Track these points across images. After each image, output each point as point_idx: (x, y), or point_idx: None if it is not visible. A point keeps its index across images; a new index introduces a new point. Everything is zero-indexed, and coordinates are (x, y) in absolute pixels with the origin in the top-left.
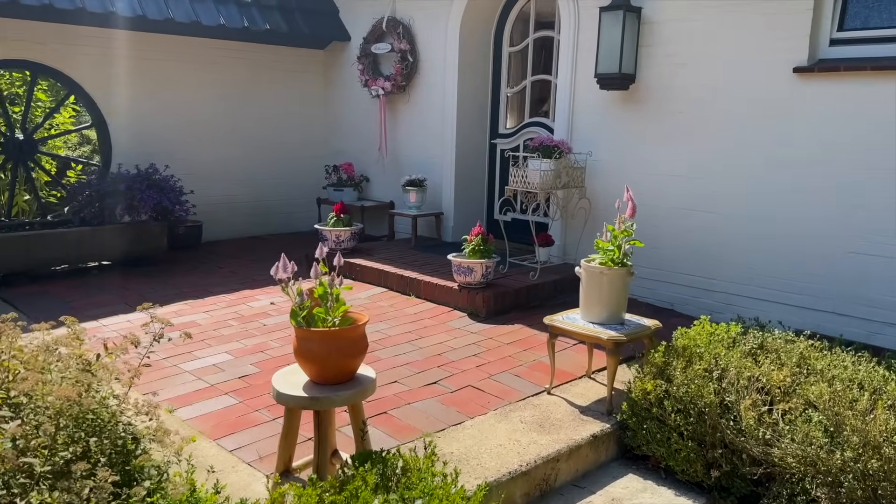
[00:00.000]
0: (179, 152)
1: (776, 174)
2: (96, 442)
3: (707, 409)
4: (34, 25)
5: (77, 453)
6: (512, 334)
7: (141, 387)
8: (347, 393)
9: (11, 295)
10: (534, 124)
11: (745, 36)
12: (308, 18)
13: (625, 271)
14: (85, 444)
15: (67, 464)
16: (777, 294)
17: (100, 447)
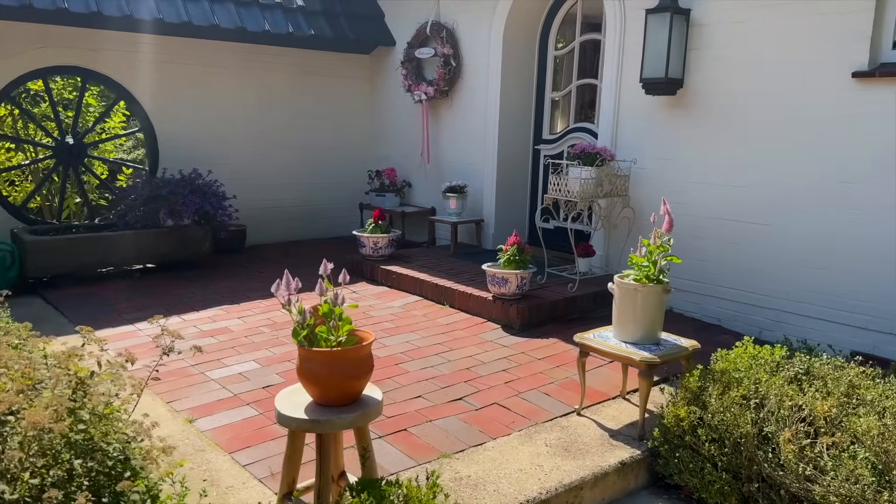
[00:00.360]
0: (225, 157)
1: (831, 185)
2: (81, 464)
3: (743, 439)
4: (84, 32)
5: (59, 476)
6: (545, 349)
7: (166, 395)
8: (350, 416)
9: (57, 297)
10: (579, 130)
11: (800, 38)
12: (353, 24)
13: (660, 288)
14: (69, 466)
15: (40, 491)
16: (830, 312)
17: (85, 469)
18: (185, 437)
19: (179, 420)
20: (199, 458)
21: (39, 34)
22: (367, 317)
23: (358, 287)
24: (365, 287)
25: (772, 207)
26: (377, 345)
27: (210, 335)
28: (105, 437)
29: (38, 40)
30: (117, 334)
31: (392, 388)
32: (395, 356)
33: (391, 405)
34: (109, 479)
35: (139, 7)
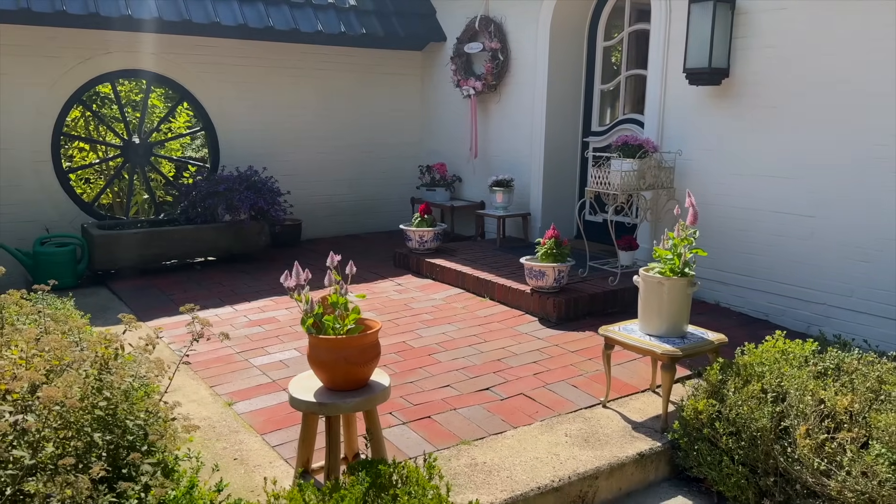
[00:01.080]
0: (281, 154)
1: (881, 176)
2: (101, 437)
3: (760, 433)
4: (147, 37)
5: (79, 448)
6: (579, 342)
7: (210, 379)
8: (355, 400)
9: (121, 288)
10: (629, 121)
11: (848, 25)
12: (405, 21)
13: (685, 282)
14: (89, 439)
15: (59, 458)
16: (881, 308)
17: (104, 442)
18: (223, 419)
19: (220, 403)
20: (232, 438)
21: (104, 40)
22: (408, 308)
23: (403, 279)
24: (410, 279)
25: (820, 199)
26: (413, 335)
27: (258, 324)
28: (128, 414)
29: (104, 46)
30: (172, 322)
31: (422, 377)
32: (430, 347)
33: (419, 393)
34: (128, 452)
35: (197, 11)
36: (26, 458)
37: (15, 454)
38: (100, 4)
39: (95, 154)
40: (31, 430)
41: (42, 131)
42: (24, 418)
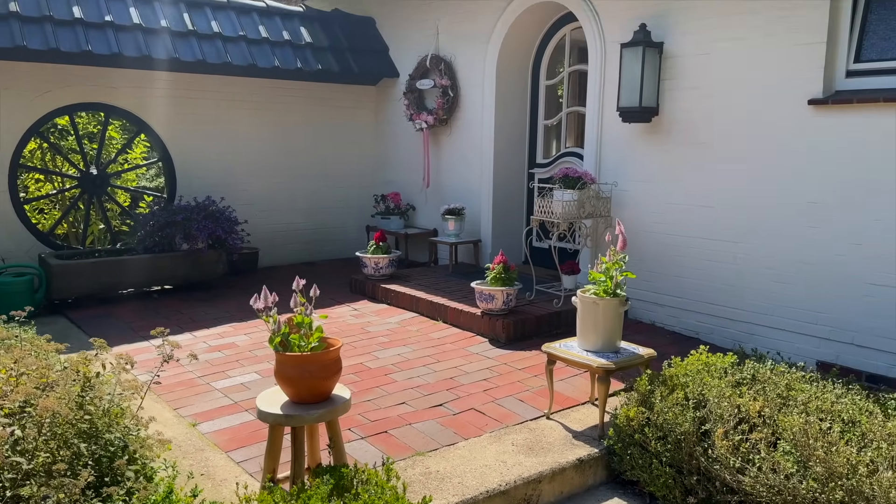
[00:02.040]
0: (239, 184)
1: (793, 204)
2: (86, 447)
3: (683, 436)
4: (106, 71)
5: (67, 456)
6: (526, 360)
7: (174, 402)
8: (319, 412)
9: (80, 317)
10: (570, 154)
11: (761, 68)
12: (359, 58)
13: (617, 301)
14: (76, 449)
15: (51, 464)
16: (797, 325)
17: (90, 452)
18: (188, 439)
19: (184, 424)
20: (198, 457)
21: (65, 74)
22: (365, 332)
23: (359, 305)
24: (366, 305)
25: (741, 226)
26: (370, 357)
27: (217, 350)
28: (109, 427)
29: (65, 80)
30: (133, 349)
31: (379, 395)
32: (386, 367)
33: (376, 410)
34: (111, 460)
35: (157, 47)
36: (24, 463)
37: (14, 460)
38: (60, 40)
39: (51, 185)
40: (27, 439)
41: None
42: (22, 426)
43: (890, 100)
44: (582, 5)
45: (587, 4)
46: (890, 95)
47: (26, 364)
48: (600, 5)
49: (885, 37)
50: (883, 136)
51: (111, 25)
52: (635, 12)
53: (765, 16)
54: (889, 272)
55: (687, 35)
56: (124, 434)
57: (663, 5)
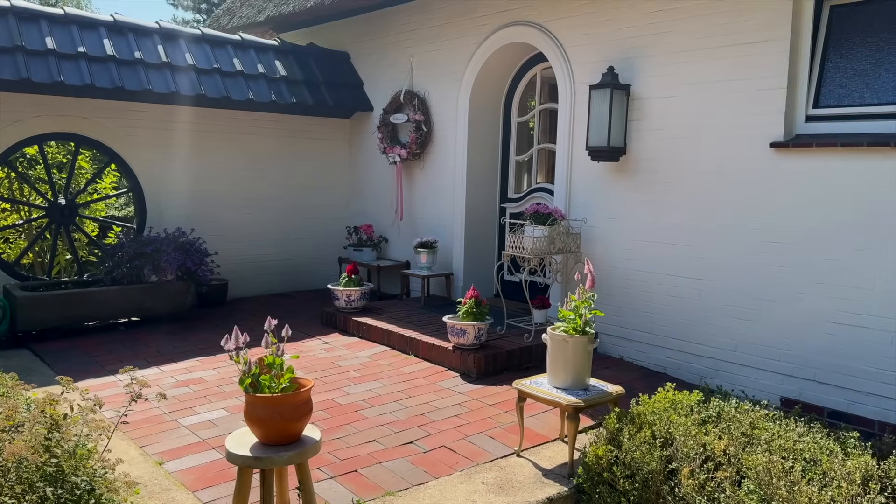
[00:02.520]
0: (210, 215)
1: (755, 245)
2: (53, 491)
3: (651, 475)
4: (78, 101)
5: (33, 501)
6: (497, 396)
7: (140, 440)
8: (288, 454)
9: (44, 349)
10: (541, 190)
11: (725, 112)
12: (333, 91)
13: (586, 339)
14: (42, 493)
15: None
16: (761, 361)
17: (56, 496)
18: (154, 478)
19: (150, 462)
20: (165, 497)
21: (36, 103)
22: (336, 366)
23: (330, 338)
24: (337, 338)
25: (706, 264)
26: (340, 392)
27: (185, 385)
28: (75, 471)
29: (35, 109)
30: (99, 384)
31: (349, 433)
32: (356, 403)
33: (345, 449)
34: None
35: (130, 79)
36: None
37: None
38: (32, 70)
39: (18, 214)
40: None
41: None
42: None
43: (847, 145)
44: (553, 47)
45: (557, 47)
46: (847, 141)
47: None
48: (570, 48)
49: (842, 84)
50: (840, 180)
51: (84, 56)
52: (604, 55)
53: (727, 61)
54: (848, 311)
55: (653, 78)
56: (91, 476)
57: (631, 49)
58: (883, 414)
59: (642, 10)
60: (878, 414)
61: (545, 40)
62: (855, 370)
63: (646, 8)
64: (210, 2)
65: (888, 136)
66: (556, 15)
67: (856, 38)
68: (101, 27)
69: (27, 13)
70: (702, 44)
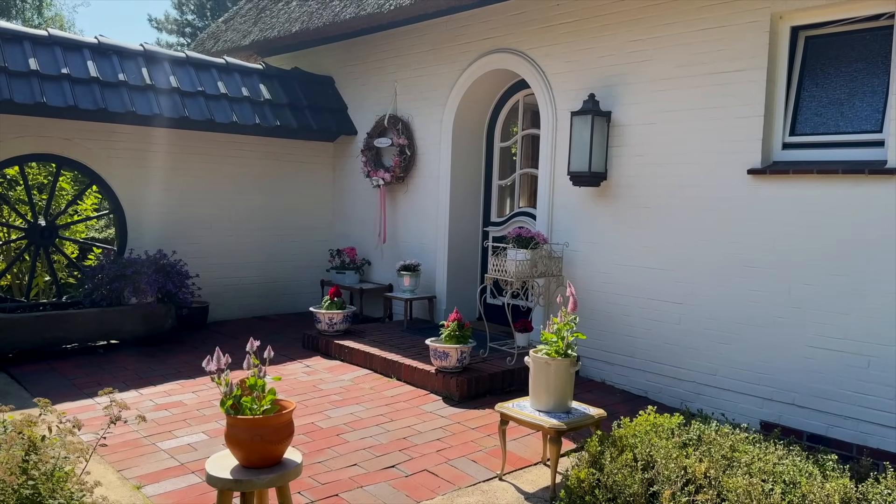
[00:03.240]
0: (191, 237)
1: (734, 268)
2: None
3: (632, 498)
4: (60, 123)
5: None
6: (480, 419)
7: (118, 463)
8: (269, 476)
9: (21, 372)
10: (523, 214)
11: (704, 138)
12: (318, 115)
13: (568, 362)
14: None
15: None
16: (741, 385)
17: None
18: (132, 502)
19: (128, 487)
20: None
21: (18, 124)
22: (317, 389)
23: (312, 361)
24: (319, 361)
25: (685, 289)
26: (322, 416)
27: (164, 408)
28: (52, 493)
29: (17, 130)
30: (76, 407)
31: (330, 457)
32: (338, 427)
33: (326, 472)
34: None
35: (113, 101)
36: None
37: None
38: (14, 91)
39: None
40: None
41: None
42: None
43: (823, 171)
44: (535, 74)
45: (540, 74)
46: (823, 167)
47: None
48: (552, 75)
49: (817, 112)
50: (816, 206)
51: (67, 78)
52: (585, 83)
53: (706, 89)
54: (826, 335)
55: (633, 105)
56: (68, 500)
57: (611, 77)
58: (861, 437)
59: (623, 39)
60: (857, 437)
61: (528, 67)
62: (833, 394)
63: (626, 37)
64: (194, 26)
65: (863, 164)
66: (539, 43)
67: (830, 68)
68: (85, 49)
69: (10, 34)
70: (681, 72)
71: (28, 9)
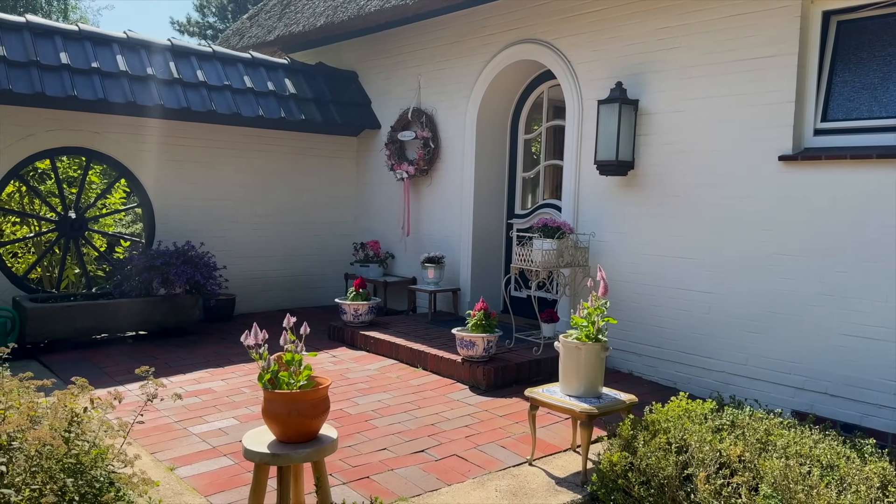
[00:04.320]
0: (219, 230)
1: (765, 256)
2: (73, 482)
3: (666, 480)
4: (90, 116)
5: (54, 490)
6: (507, 407)
7: (151, 446)
8: (306, 451)
9: (52, 361)
10: (548, 206)
11: (733, 126)
12: (342, 109)
13: (599, 346)
14: (63, 483)
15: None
16: (772, 374)
17: (76, 487)
18: (166, 483)
19: (161, 468)
20: (177, 500)
21: (49, 118)
22: (344, 378)
23: (338, 352)
24: (345, 352)
25: (715, 277)
26: (350, 403)
27: (194, 395)
28: (94, 464)
29: (48, 123)
30: (105, 393)
31: (359, 441)
32: (366, 413)
33: (357, 456)
34: (96, 497)
35: (142, 94)
36: (12, 495)
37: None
38: (46, 85)
39: (28, 228)
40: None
41: None
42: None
43: (856, 157)
44: (560, 64)
45: (565, 64)
46: (856, 153)
47: (12, 398)
48: (578, 65)
49: (850, 98)
50: (849, 192)
51: (97, 72)
52: (611, 71)
53: (735, 76)
54: (860, 323)
55: (661, 93)
56: (108, 471)
57: (638, 65)
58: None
59: (650, 27)
60: (892, 426)
61: (553, 57)
62: (868, 382)
63: (653, 25)
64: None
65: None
66: (564, 33)
67: (863, 52)
68: (114, 43)
69: (42, 29)
70: (709, 59)
71: (54, 11)
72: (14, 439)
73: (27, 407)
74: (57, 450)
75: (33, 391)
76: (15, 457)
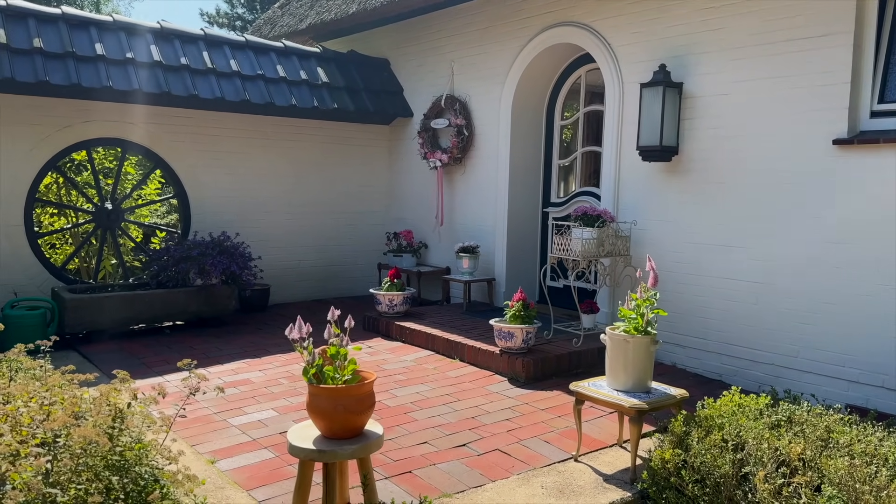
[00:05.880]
0: (252, 220)
1: (818, 244)
2: (118, 480)
3: (722, 479)
4: (125, 107)
5: (99, 489)
6: (548, 400)
7: (191, 438)
8: (352, 447)
9: (91, 351)
10: (585, 194)
11: (783, 108)
12: (374, 98)
13: (648, 339)
14: (108, 482)
15: (84, 497)
16: (824, 367)
17: (121, 485)
18: (207, 476)
19: (202, 461)
20: (219, 494)
21: (85, 109)
22: (380, 369)
23: (373, 342)
24: (380, 342)
25: (764, 266)
26: (388, 395)
27: (232, 386)
28: (139, 461)
29: (84, 115)
30: (146, 385)
31: (400, 434)
32: (405, 406)
33: (398, 450)
34: (140, 494)
35: (176, 84)
36: (58, 495)
37: (47, 492)
38: (82, 76)
39: (65, 219)
40: (61, 471)
41: (17, 196)
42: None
43: None
44: (599, 47)
45: (605, 46)
46: None
47: (56, 394)
48: (618, 47)
49: None
50: None
51: (132, 62)
52: (653, 54)
53: (785, 56)
54: None
55: (707, 75)
56: (153, 467)
57: (682, 47)
58: None
59: (693, 6)
60: None
61: (592, 40)
62: None
63: (696, 5)
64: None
65: None
66: (603, 14)
67: None
68: (148, 34)
69: (77, 20)
70: (757, 39)
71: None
72: (59, 436)
73: (70, 403)
74: (102, 447)
75: (76, 386)
76: (60, 454)
